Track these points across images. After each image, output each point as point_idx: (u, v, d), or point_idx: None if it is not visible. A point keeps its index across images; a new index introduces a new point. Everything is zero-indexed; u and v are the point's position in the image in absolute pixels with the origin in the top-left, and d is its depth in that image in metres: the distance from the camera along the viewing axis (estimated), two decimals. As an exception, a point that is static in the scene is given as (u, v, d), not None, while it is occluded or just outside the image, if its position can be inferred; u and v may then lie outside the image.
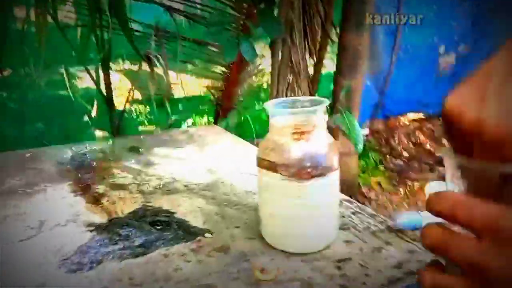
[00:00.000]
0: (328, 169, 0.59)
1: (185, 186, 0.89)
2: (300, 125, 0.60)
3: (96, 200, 0.84)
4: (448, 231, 0.30)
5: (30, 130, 2.63)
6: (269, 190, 0.62)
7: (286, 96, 2.25)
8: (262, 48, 2.42)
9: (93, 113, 2.63)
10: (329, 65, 2.70)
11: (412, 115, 4.19)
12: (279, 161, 0.58)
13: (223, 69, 2.35)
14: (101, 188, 0.89)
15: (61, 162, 1.06)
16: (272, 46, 2.07)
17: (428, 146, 3.50)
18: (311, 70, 2.42)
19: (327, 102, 0.59)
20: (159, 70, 2.05)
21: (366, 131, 3.81)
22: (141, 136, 1.25)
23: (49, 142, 2.54)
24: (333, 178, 0.61)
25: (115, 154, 1.11)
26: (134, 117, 2.86)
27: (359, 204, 0.79)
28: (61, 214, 0.79)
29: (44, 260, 0.63)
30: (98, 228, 0.73)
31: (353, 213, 0.75)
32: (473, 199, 0.28)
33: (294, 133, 0.58)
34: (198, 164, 1.02)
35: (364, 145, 3.18)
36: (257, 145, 0.70)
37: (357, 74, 2.24)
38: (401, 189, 2.65)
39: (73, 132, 2.76)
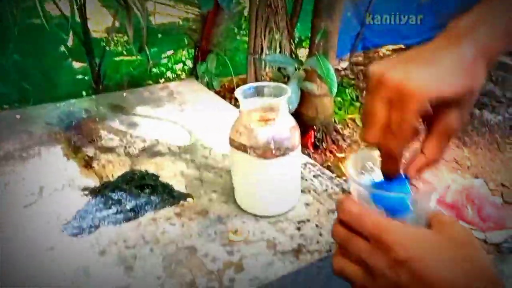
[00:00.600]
0: (290, 149, 0.69)
1: (168, 148, 0.99)
2: (266, 109, 0.69)
3: (87, 164, 0.93)
4: (349, 232, 0.39)
5: (7, 65, 2.60)
6: (239, 165, 0.72)
7: (265, 36, 2.28)
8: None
9: (69, 42, 2.61)
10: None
11: (392, 47, 4.24)
12: (248, 143, 0.68)
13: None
14: (90, 151, 0.98)
15: (49, 122, 1.13)
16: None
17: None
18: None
19: (289, 91, 0.68)
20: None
21: (345, 64, 3.87)
22: (124, 94, 1.31)
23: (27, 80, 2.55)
24: (295, 155, 0.71)
25: (100, 113, 1.18)
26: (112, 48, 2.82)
27: (320, 167, 0.90)
28: (58, 178, 0.88)
29: (48, 225, 0.74)
30: (92, 192, 0.83)
31: (315, 176, 0.87)
32: (366, 211, 0.38)
33: (260, 120, 0.67)
34: (178, 124, 1.11)
35: (342, 81, 3.27)
36: (235, 84, 0.78)
37: (334, 15, 2.26)
38: (374, 127, 2.78)
39: (51, 67, 2.75)
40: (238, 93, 0.69)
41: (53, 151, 0.99)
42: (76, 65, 2.88)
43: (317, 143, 2.45)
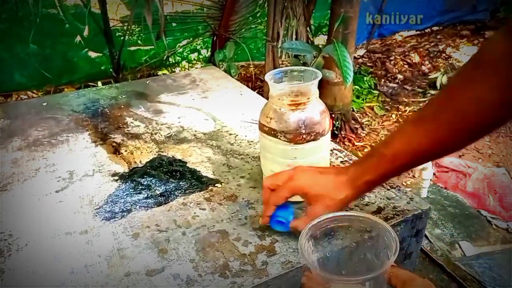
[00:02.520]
0: (321, 134, 0.69)
1: (194, 135, 0.99)
2: (297, 94, 0.69)
3: (115, 150, 0.95)
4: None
5: (23, 53, 2.64)
6: (269, 150, 0.72)
7: (281, 23, 2.26)
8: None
9: (85, 32, 2.63)
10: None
11: (407, 33, 4.18)
12: (279, 128, 0.68)
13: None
14: (118, 138, 0.99)
15: (76, 110, 1.14)
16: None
17: (423, 68, 3.55)
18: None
19: (320, 75, 0.67)
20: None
21: (362, 51, 3.83)
22: (147, 81, 1.32)
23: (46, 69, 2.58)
24: (324, 140, 0.71)
25: (124, 101, 1.19)
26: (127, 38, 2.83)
27: (347, 153, 0.90)
28: (87, 164, 0.90)
29: (81, 209, 0.76)
30: (122, 177, 0.85)
31: (342, 162, 0.86)
32: None
33: (291, 104, 0.67)
34: (202, 111, 1.11)
35: (359, 69, 3.23)
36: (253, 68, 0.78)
37: (353, 0, 2.23)
38: (393, 115, 2.76)
39: (68, 56, 2.77)
40: (268, 77, 0.69)
41: (81, 137, 1.00)
42: (92, 54, 2.91)
43: (335, 132, 2.44)
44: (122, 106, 1.16)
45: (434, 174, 2.15)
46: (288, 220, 0.65)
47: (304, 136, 0.68)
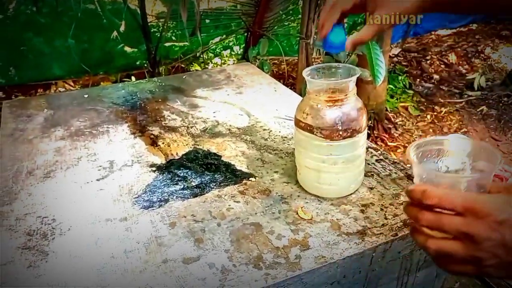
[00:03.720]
0: (357, 131, 0.69)
1: (228, 130, 1.01)
2: (334, 90, 0.69)
3: (153, 142, 0.97)
4: (437, 213, 0.44)
5: (61, 46, 2.73)
6: (304, 146, 0.73)
7: (314, 20, 2.25)
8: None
9: (122, 27, 2.70)
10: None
11: (443, 32, 4.08)
12: (315, 124, 0.69)
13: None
14: (155, 130, 1.02)
15: (116, 102, 1.18)
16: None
17: (460, 68, 3.46)
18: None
19: (358, 72, 0.67)
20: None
21: (397, 50, 3.76)
22: (183, 76, 1.35)
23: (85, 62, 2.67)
24: (361, 138, 0.71)
25: (162, 95, 1.22)
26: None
27: (383, 151, 0.89)
28: (126, 154, 0.93)
29: (121, 198, 0.79)
30: (159, 168, 0.87)
31: (377, 161, 0.86)
32: (451, 192, 0.44)
33: (328, 100, 0.68)
34: (237, 106, 1.13)
35: (394, 68, 3.18)
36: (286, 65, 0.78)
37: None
38: (428, 116, 2.70)
39: (106, 51, 2.86)
40: (305, 73, 0.69)
41: (120, 129, 1.04)
42: (128, 50, 2.98)
43: (368, 131, 2.41)
44: (160, 100, 1.19)
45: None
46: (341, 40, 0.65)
47: (341, 133, 0.68)
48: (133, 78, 2.74)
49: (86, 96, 1.23)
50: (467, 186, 0.48)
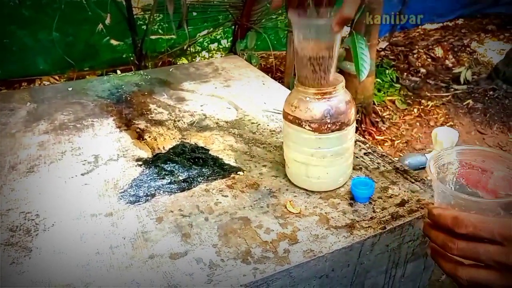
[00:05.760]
0: (346, 124, 0.69)
1: (216, 123, 1.00)
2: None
3: (139, 135, 0.96)
4: (472, 242, 0.42)
5: (46, 39, 2.68)
6: (293, 139, 0.72)
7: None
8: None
9: (107, 20, 2.66)
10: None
11: (430, 26, 4.11)
12: (303, 117, 0.68)
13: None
14: (142, 124, 1.00)
15: (100, 96, 1.16)
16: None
17: (446, 62, 3.49)
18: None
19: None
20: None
21: (384, 44, 3.77)
22: (170, 69, 1.33)
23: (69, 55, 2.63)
24: (349, 131, 0.71)
25: (148, 87, 1.20)
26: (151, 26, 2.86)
27: (371, 145, 0.89)
28: (111, 148, 0.91)
29: (106, 192, 0.77)
30: (146, 162, 0.86)
31: (366, 154, 0.86)
32: (487, 219, 0.42)
33: (316, 93, 0.67)
34: (224, 100, 1.12)
35: (381, 62, 3.19)
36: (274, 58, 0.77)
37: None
38: (415, 109, 2.72)
39: (91, 44, 2.81)
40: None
41: (106, 122, 1.02)
42: (114, 42, 2.94)
43: (356, 125, 2.42)
44: (146, 93, 1.17)
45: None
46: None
47: (329, 126, 0.67)
48: (118, 71, 2.71)
49: (70, 89, 1.20)
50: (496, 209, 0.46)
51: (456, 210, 0.46)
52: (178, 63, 2.89)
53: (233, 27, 2.56)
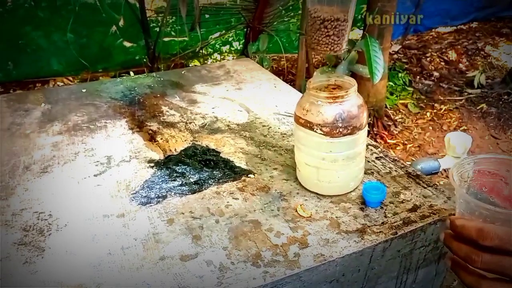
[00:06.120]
0: (358, 128, 0.68)
1: (227, 126, 1.00)
2: (335, 87, 0.68)
3: (151, 137, 0.97)
4: (497, 256, 0.41)
5: (60, 41, 2.72)
6: (304, 143, 0.72)
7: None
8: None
9: (121, 22, 2.69)
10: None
11: (443, 29, 4.08)
12: (315, 121, 0.68)
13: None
14: (154, 126, 1.01)
15: (114, 97, 1.17)
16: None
17: (460, 65, 3.45)
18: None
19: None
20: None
21: (397, 47, 3.75)
22: (182, 71, 1.34)
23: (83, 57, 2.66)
24: (361, 135, 0.70)
25: (160, 90, 1.21)
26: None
27: (383, 149, 0.88)
28: (124, 150, 0.92)
29: (118, 193, 0.78)
30: (157, 164, 0.86)
31: (377, 158, 0.85)
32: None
33: (328, 97, 0.67)
34: (236, 102, 1.12)
35: (394, 65, 3.17)
36: (286, 60, 0.78)
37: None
38: (427, 113, 2.69)
39: (104, 46, 2.84)
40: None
41: (118, 124, 1.03)
42: (127, 44, 2.97)
43: (368, 128, 2.41)
44: (158, 95, 1.18)
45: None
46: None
47: (341, 130, 0.67)
48: (131, 73, 2.73)
49: (84, 90, 1.22)
50: None
51: (480, 221, 0.45)
52: (190, 65, 2.91)
53: (245, 29, 2.57)
